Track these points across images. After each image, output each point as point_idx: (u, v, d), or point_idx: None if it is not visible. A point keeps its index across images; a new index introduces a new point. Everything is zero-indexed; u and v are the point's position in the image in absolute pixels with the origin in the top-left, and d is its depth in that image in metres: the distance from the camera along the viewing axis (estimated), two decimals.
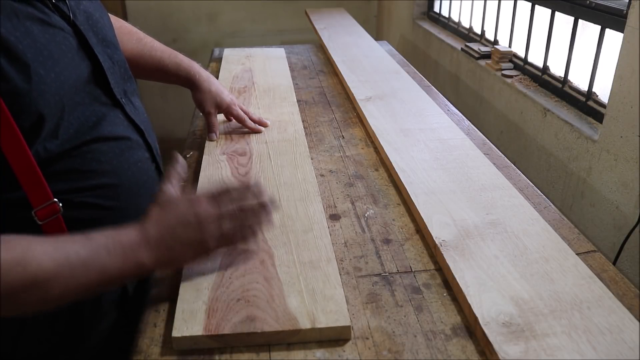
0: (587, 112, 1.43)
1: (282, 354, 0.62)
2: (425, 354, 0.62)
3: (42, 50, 0.63)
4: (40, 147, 0.64)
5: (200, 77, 1.09)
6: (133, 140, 0.77)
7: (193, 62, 1.11)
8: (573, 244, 0.80)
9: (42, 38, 0.64)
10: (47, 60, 0.64)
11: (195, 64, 1.11)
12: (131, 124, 0.77)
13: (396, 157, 1.02)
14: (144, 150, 0.79)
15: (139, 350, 0.63)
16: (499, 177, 0.95)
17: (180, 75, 1.08)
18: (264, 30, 3.33)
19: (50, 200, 0.65)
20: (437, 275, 0.75)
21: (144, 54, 1.02)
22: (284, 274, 0.71)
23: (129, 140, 0.76)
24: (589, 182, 1.34)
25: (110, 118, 0.73)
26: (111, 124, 0.73)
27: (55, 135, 0.65)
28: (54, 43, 0.65)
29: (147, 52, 1.03)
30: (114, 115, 0.74)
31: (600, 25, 1.37)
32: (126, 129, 0.76)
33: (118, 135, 0.74)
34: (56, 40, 0.66)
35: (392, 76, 1.51)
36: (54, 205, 0.65)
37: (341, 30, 2.09)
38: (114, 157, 0.73)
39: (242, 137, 1.13)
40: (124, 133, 0.75)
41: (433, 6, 2.65)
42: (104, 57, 0.74)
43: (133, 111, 0.79)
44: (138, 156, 0.77)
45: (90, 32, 0.73)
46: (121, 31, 0.96)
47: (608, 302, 0.65)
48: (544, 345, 0.59)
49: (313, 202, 0.88)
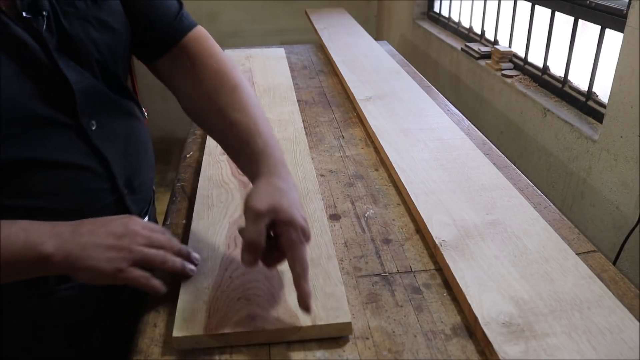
0: (587, 112, 1.43)
1: (282, 354, 0.62)
2: (425, 354, 0.62)
3: None
4: None
5: (270, 166, 0.71)
6: (89, 168, 0.70)
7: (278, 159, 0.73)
8: (573, 244, 0.80)
9: None
10: None
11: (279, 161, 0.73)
12: (92, 151, 0.70)
13: (396, 157, 1.02)
14: (102, 180, 0.72)
15: (139, 350, 0.63)
16: (499, 177, 0.95)
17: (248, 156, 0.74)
18: (264, 30, 3.33)
19: None
20: (437, 275, 0.75)
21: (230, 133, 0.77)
22: (284, 272, 0.71)
23: (83, 169, 0.69)
24: (589, 182, 1.34)
25: (63, 142, 0.67)
26: (62, 148, 0.67)
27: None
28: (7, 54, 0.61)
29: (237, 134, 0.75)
30: (69, 139, 0.68)
31: (600, 25, 1.37)
32: (82, 156, 0.69)
33: (66, 162, 0.68)
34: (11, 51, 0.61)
35: (392, 76, 1.52)
36: None
37: (341, 30, 2.09)
38: (56, 183, 0.67)
39: None
40: (75, 160, 0.68)
41: (433, 6, 2.65)
42: (78, 78, 0.67)
43: (103, 137, 0.71)
44: (92, 185, 0.71)
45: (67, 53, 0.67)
46: (235, 103, 0.76)
47: (608, 302, 0.65)
48: (544, 345, 0.59)
49: (313, 201, 0.89)
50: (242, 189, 0.93)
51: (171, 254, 0.67)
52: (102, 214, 0.68)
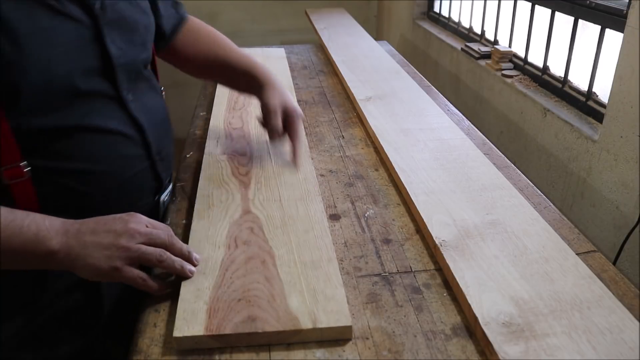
0: (587, 112, 1.43)
1: (282, 354, 0.62)
2: (425, 354, 0.62)
3: (40, 32, 0.66)
4: (22, 120, 0.67)
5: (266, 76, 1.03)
6: (127, 135, 0.78)
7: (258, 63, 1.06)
8: (573, 244, 0.80)
9: (46, 23, 0.66)
10: (41, 43, 0.66)
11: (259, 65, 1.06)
12: (130, 121, 0.79)
13: (396, 157, 1.02)
14: (139, 148, 0.81)
15: (139, 350, 0.63)
16: (499, 177, 0.95)
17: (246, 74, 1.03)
18: (264, 30, 3.33)
19: (16, 162, 0.68)
20: (437, 275, 0.75)
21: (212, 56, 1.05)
22: (285, 273, 0.71)
23: (122, 135, 0.78)
24: (589, 182, 1.34)
25: (108, 111, 0.76)
26: (107, 116, 0.75)
27: (40, 113, 0.68)
28: (58, 29, 0.68)
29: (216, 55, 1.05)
30: (112, 109, 0.76)
31: (600, 25, 1.37)
32: (123, 124, 0.78)
33: (110, 128, 0.76)
34: (61, 26, 0.68)
35: (392, 76, 1.52)
36: (19, 168, 0.68)
37: (341, 30, 2.09)
38: (98, 147, 0.75)
39: (242, 137, 1.13)
40: (118, 127, 0.77)
41: (433, 6, 2.65)
42: (119, 54, 0.76)
43: (139, 109, 0.80)
44: (129, 151, 0.79)
45: (115, 30, 0.75)
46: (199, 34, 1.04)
47: (608, 302, 0.65)
48: (544, 345, 0.59)
49: (314, 202, 0.88)
50: (242, 189, 0.93)
51: (169, 254, 0.68)
52: (137, 179, 0.80)
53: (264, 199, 0.90)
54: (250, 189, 0.93)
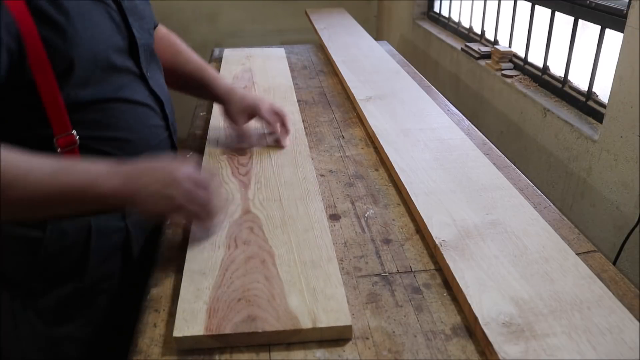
0: (587, 112, 1.43)
1: (282, 354, 0.62)
2: (425, 354, 0.62)
3: (83, 13, 0.75)
4: (72, 92, 0.75)
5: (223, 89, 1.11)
6: (152, 107, 0.88)
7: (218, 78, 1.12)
8: (573, 244, 0.80)
9: (87, 5, 0.77)
10: (86, 21, 0.76)
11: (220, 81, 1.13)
12: (152, 95, 0.89)
13: (396, 157, 1.02)
14: (160, 119, 0.91)
15: (139, 350, 0.63)
16: (499, 177, 0.95)
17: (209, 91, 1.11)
18: (264, 30, 3.33)
19: (69, 131, 0.76)
20: (437, 275, 0.75)
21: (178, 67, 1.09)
22: (284, 273, 0.71)
23: (148, 107, 0.87)
24: (589, 182, 1.34)
25: (135, 85, 0.86)
26: (135, 90, 0.85)
27: (86, 85, 0.77)
28: (96, 11, 0.78)
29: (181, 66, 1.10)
30: (137, 84, 0.86)
31: (600, 25, 1.37)
32: (147, 97, 0.88)
33: (139, 100, 0.86)
34: (98, 9, 0.79)
35: (392, 76, 1.52)
36: (72, 136, 0.77)
37: (341, 30, 2.09)
38: (131, 117, 0.84)
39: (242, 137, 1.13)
40: (144, 100, 0.87)
41: (433, 6, 2.65)
42: (139, 36, 0.86)
43: (156, 85, 0.90)
44: (153, 122, 0.89)
45: (131, 14, 0.85)
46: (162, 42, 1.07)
47: (608, 302, 0.65)
48: (544, 345, 0.59)
49: (313, 201, 0.88)
50: (242, 189, 0.93)
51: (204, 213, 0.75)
52: (160, 147, 0.90)
53: (264, 198, 0.90)
54: (250, 189, 0.93)
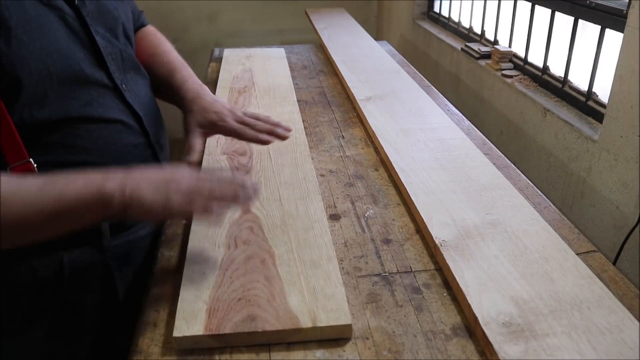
0: (587, 112, 1.43)
1: (282, 354, 0.62)
2: (425, 354, 0.62)
3: (29, 21, 0.67)
4: (25, 112, 0.67)
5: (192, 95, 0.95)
6: (127, 124, 0.79)
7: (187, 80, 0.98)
8: (573, 244, 0.80)
9: (32, 11, 0.68)
10: (33, 31, 0.67)
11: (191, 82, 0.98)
12: (128, 109, 0.80)
13: (396, 157, 1.02)
14: (139, 136, 0.81)
15: (139, 350, 0.63)
16: (499, 177, 0.95)
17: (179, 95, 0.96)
18: (264, 30, 3.33)
19: (25, 158, 0.68)
20: (437, 275, 0.75)
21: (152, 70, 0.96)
22: (284, 272, 0.71)
23: (122, 124, 0.78)
24: (589, 182, 1.34)
25: (106, 100, 0.76)
26: (106, 105, 0.76)
27: (42, 104, 0.68)
28: (45, 18, 0.69)
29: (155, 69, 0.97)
30: (110, 98, 0.77)
31: (600, 25, 1.37)
32: (121, 112, 0.78)
33: (110, 117, 0.76)
34: (48, 16, 0.70)
35: (392, 76, 1.52)
36: (28, 164, 0.68)
37: (341, 30, 2.09)
38: (101, 137, 0.75)
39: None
40: (117, 116, 0.77)
41: (433, 6, 2.65)
42: (105, 44, 0.77)
43: (133, 98, 0.81)
44: (130, 140, 0.79)
45: (97, 21, 0.77)
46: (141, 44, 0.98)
47: (608, 302, 0.65)
48: (544, 345, 0.59)
49: (313, 201, 0.88)
50: None
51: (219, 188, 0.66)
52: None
53: (264, 198, 0.90)
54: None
